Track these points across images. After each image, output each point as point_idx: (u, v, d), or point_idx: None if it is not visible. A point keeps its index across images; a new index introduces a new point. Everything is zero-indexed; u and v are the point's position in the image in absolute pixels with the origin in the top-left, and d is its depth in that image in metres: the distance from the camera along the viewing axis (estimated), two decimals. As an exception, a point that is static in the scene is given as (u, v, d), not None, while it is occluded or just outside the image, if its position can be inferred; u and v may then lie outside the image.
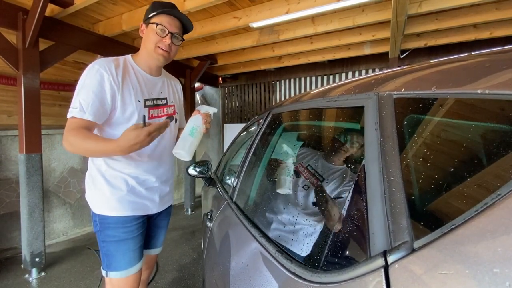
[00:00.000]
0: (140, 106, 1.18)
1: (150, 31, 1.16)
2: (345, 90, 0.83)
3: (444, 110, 0.51)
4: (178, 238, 3.47)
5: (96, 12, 2.80)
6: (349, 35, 3.37)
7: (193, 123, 1.24)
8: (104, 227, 1.20)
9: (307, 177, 1.01)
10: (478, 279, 0.31)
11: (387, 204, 0.47)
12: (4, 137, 3.15)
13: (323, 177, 0.98)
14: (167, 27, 1.16)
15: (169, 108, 1.33)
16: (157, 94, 1.27)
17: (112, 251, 1.20)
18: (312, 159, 1.08)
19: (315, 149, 1.13)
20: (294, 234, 0.83)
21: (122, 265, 1.21)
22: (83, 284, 2.46)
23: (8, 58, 2.42)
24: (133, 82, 1.17)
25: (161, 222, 1.46)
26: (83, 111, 1.03)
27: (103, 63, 1.10)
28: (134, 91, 1.17)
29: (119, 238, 1.20)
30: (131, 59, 1.22)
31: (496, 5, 2.63)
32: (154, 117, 1.25)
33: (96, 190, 1.20)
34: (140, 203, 1.24)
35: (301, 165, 1.07)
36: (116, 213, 1.19)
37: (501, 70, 0.43)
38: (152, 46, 1.16)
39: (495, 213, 0.33)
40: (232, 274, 0.90)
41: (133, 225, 1.23)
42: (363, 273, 0.44)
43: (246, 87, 5.48)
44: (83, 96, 1.04)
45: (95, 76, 1.07)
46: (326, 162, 1.01)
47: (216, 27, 2.99)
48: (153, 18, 1.16)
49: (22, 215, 2.56)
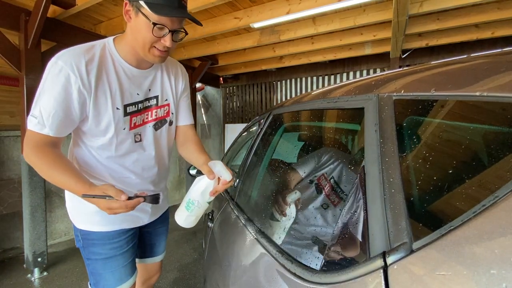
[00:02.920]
0: (118, 114, 0.93)
1: (143, 24, 0.84)
2: (345, 91, 0.83)
3: (443, 112, 0.52)
4: (179, 238, 3.48)
5: (97, 13, 2.81)
6: (350, 35, 3.36)
7: (192, 194, 0.96)
8: (87, 243, 1.02)
9: (328, 194, 0.80)
10: (475, 280, 0.31)
11: (386, 205, 0.48)
12: (7, 138, 3.17)
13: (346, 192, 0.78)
14: (168, 25, 0.85)
15: (160, 109, 1.06)
16: (144, 94, 1.00)
17: (98, 270, 1.03)
18: (336, 169, 0.86)
19: (340, 154, 0.92)
20: (295, 234, 0.84)
21: (112, 283, 1.05)
22: (85, 284, 2.47)
23: (11, 59, 2.44)
24: (111, 83, 0.91)
25: (159, 229, 1.28)
26: (43, 124, 0.83)
27: (70, 58, 0.83)
28: (111, 96, 0.91)
29: (106, 255, 1.02)
30: (112, 45, 0.94)
31: (498, 5, 2.62)
32: (138, 126, 1.00)
33: (77, 201, 0.99)
34: (129, 215, 0.99)
35: (324, 176, 0.84)
36: (101, 228, 1.01)
37: (500, 73, 0.44)
38: (146, 45, 0.88)
39: (493, 215, 0.33)
40: (233, 274, 0.90)
41: (122, 239, 1.05)
42: (363, 274, 0.44)
43: (247, 87, 5.49)
44: (43, 103, 0.82)
45: (58, 77, 0.82)
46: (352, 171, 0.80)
47: (217, 27, 3.00)
48: (145, 9, 0.83)
49: (25, 215, 2.58)
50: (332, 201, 0.81)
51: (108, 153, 0.97)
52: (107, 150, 0.96)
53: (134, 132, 0.99)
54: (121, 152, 0.99)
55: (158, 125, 1.07)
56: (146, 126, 1.03)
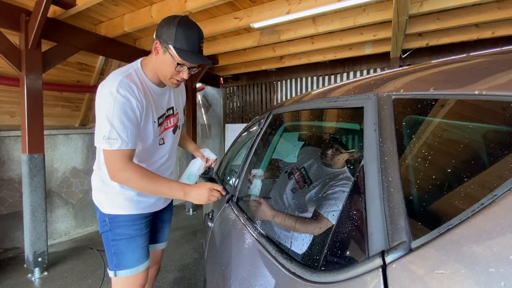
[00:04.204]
0: (155, 127, 1.20)
1: (168, 61, 1.08)
2: (345, 91, 0.83)
3: (442, 111, 0.52)
4: (180, 238, 3.48)
5: (98, 13, 2.81)
6: (350, 35, 3.36)
7: (191, 169, 1.42)
8: (114, 225, 1.24)
9: (298, 180, 1.04)
10: (474, 278, 0.31)
11: (385, 204, 0.48)
12: (7, 138, 3.18)
13: (313, 180, 1.01)
14: (188, 65, 1.10)
15: (175, 117, 1.34)
16: (166, 106, 1.27)
17: (122, 249, 1.23)
18: (308, 162, 1.09)
19: (314, 152, 1.14)
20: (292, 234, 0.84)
21: (132, 262, 1.24)
22: (85, 283, 2.47)
23: (11, 59, 2.44)
24: (150, 102, 1.16)
25: (166, 215, 1.52)
26: (125, 142, 1.03)
27: (127, 87, 1.05)
28: (151, 113, 1.16)
29: (130, 235, 1.24)
30: (142, 73, 1.16)
31: (498, 5, 2.62)
32: (162, 132, 1.28)
33: (107, 192, 1.23)
34: (149, 202, 1.29)
35: (296, 167, 1.08)
36: (128, 211, 1.23)
37: (499, 72, 0.44)
38: (168, 76, 1.12)
39: (491, 214, 0.33)
40: (233, 274, 0.90)
41: (142, 222, 1.29)
42: (362, 273, 0.44)
43: (247, 87, 5.49)
44: (118, 126, 1.02)
45: (125, 103, 1.03)
46: (324, 166, 1.03)
47: (217, 27, 3.00)
48: (173, 51, 1.05)
49: (25, 215, 2.58)
50: (300, 185, 1.03)
51: (143, 154, 1.23)
52: (143, 151, 1.22)
53: (160, 137, 1.27)
54: (151, 153, 1.26)
55: (175, 130, 1.36)
56: (168, 131, 1.32)
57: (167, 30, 1.05)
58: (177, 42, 1.04)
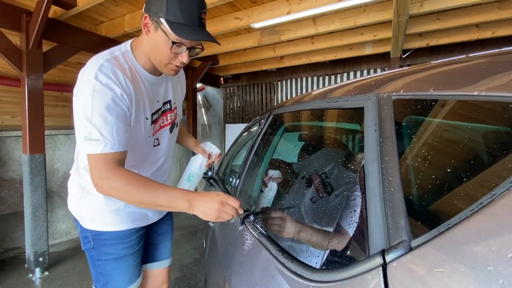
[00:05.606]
0: (147, 125, 0.97)
1: (162, 41, 0.84)
2: (345, 91, 0.84)
3: (442, 112, 0.52)
4: (180, 238, 3.49)
5: (98, 13, 2.82)
6: (351, 35, 3.37)
7: (192, 168, 1.20)
8: (99, 244, 1.02)
9: (318, 188, 0.86)
10: (473, 277, 0.32)
11: (385, 203, 0.48)
12: (8, 138, 3.18)
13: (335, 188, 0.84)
14: (187, 43, 0.85)
15: (172, 113, 1.10)
16: (162, 99, 1.03)
17: (109, 270, 1.04)
18: (329, 167, 0.91)
19: (336, 155, 0.98)
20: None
21: (121, 284, 1.06)
22: (86, 283, 2.48)
23: (12, 59, 2.45)
24: (143, 93, 0.92)
25: (163, 227, 1.27)
26: (110, 143, 0.80)
27: (109, 72, 0.81)
28: (143, 107, 0.92)
29: (118, 255, 1.03)
30: (132, 57, 0.92)
31: (499, 5, 2.62)
32: (157, 131, 1.05)
33: (87, 202, 1.00)
34: (140, 213, 1.06)
35: (315, 173, 0.90)
36: (115, 227, 1.01)
37: (498, 73, 0.44)
38: (163, 60, 0.88)
39: (490, 213, 0.34)
40: (233, 273, 0.90)
41: (133, 239, 1.07)
42: (362, 272, 0.45)
43: (247, 87, 5.49)
44: (99, 123, 0.79)
45: (105, 94, 0.80)
46: (348, 171, 0.85)
47: (218, 27, 3.01)
48: (165, 26, 0.81)
49: (26, 215, 2.59)
50: (320, 195, 0.85)
51: (132, 158, 0.96)
52: (132, 155, 0.95)
53: (155, 137, 1.04)
54: (142, 157, 1.03)
55: (172, 128, 1.12)
56: (164, 130, 1.07)
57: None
58: (170, 14, 0.79)
